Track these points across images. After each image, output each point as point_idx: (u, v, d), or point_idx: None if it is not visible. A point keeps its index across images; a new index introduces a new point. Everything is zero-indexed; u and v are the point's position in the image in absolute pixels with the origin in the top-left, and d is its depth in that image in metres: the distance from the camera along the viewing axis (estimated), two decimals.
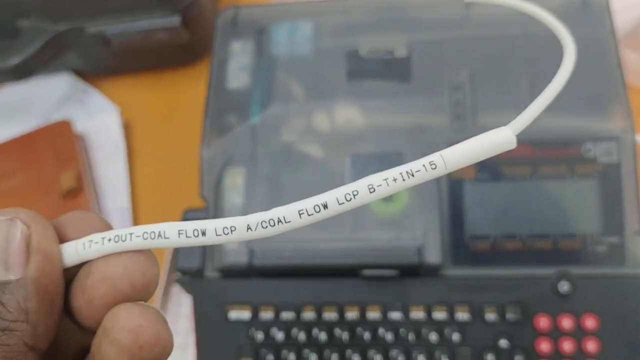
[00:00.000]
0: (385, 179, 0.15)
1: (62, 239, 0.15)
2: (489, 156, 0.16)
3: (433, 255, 0.32)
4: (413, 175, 0.15)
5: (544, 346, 0.31)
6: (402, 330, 0.32)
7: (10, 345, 0.13)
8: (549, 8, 0.35)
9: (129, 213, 0.46)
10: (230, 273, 0.34)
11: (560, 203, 0.32)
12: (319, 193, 0.36)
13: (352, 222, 0.33)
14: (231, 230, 0.15)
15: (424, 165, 0.15)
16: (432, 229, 0.32)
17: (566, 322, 0.31)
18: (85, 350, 0.16)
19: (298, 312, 0.33)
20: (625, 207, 0.32)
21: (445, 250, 0.33)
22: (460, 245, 0.33)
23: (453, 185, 0.33)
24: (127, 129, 0.51)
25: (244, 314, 0.33)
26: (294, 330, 0.33)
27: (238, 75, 0.37)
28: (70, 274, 0.15)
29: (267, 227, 0.15)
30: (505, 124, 0.31)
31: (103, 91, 0.53)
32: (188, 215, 0.36)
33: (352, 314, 0.33)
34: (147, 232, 0.15)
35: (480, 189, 0.33)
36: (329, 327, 0.33)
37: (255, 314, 0.33)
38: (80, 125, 0.50)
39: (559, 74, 0.17)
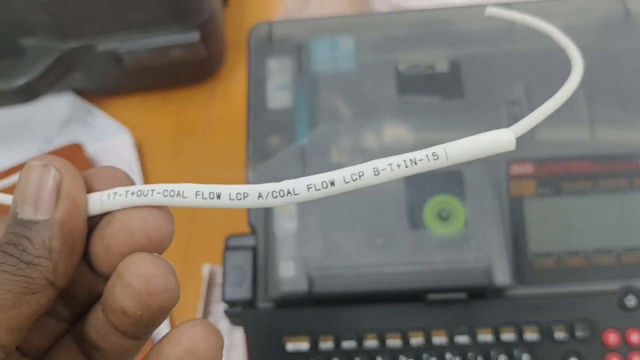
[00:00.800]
0: (390, 164, 0.16)
1: (90, 189, 0.16)
2: (488, 154, 0.16)
3: (501, 276, 0.32)
4: (416, 164, 0.16)
5: None
6: (470, 355, 0.32)
7: (32, 278, 0.15)
8: (591, 19, 0.36)
9: None
10: (286, 302, 0.32)
11: (621, 216, 0.33)
12: (373, 214, 0.35)
13: (412, 244, 0.33)
14: (244, 197, 0.16)
15: (426, 155, 0.16)
16: (498, 249, 0.32)
17: (635, 337, 0.31)
18: (95, 295, 0.17)
19: (360, 340, 0.32)
20: None
21: (511, 269, 0.32)
22: (525, 264, 0.32)
23: (513, 202, 0.33)
24: (140, 151, 0.49)
25: (303, 345, 0.32)
26: None
27: (278, 94, 0.36)
28: (93, 223, 0.16)
29: (277, 197, 0.16)
30: (564, 139, 0.31)
31: (109, 112, 0.51)
32: (232, 241, 0.34)
33: (416, 340, 0.32)
34: (167, 190, 0.16)
35: (542, 205, 0.33)
36: (393, 354, 0.32)
37: (314, 344, 0.32)
38: (89, 148, 0.48)
39: (566, 85, 0.17)
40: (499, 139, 0.16)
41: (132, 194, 0.16)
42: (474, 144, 0.16)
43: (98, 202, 0.16)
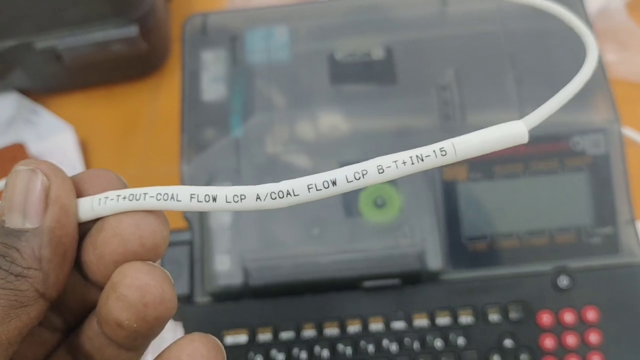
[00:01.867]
0: (395, 161, 0.16)
1: (80, 194, 0.16)
2: (499, 148, 0.16)
3: (434, 261, 0.32)
4: (422, 160, 0.16)
5: (548, 342, 0.32)
6: (406, 340, 0.32)
7: (22, 290, 0.14)
8: (523, 3, 0.36)
9: None
10: (224, 296, 0.33)
11: (553, 198, 0.33)
12: (309, 205, 0.35)
13: (348, 233, 0.33)
14: (241, 199, 0.15)
15: (434, 151, 0.16)
16: (431, 234, 0.32)
17: (568, 317, 0.32)
18: (89, 305, 0.17)
19: (298, 331, 0.32)
20: (616, 197, 0.33)
21: (444, 253, 0.33)
22: (458, 248, 0.33)
23: (447, 187, 0.33)
24: (83, 148, 0.49)
25: (241, 338, 0.32)
26: (295, 350, 0.32)
27: (213, 86, 0.36)
28: (83, 229, 0.16)
29: (275, 198, 0.15)
30: (494, 122, 0.32)
31: (53, 110, 0.50)
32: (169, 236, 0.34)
33: (354, 328, 0.32)
34: (160, 194, 0.15)
35: (474, 188, 0.33)
36: (331, 343, 0.32)
37: (252, 337, 0.32)
38: (33, 147, 0.47)
39: (580, 74, 0.17)
40: (511, 132, 0.16)
41: (124, 198, 0.15)
42: (484, 138, 0.16)
43: (89, 207, 0.15)
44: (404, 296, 0.33)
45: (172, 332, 0.39)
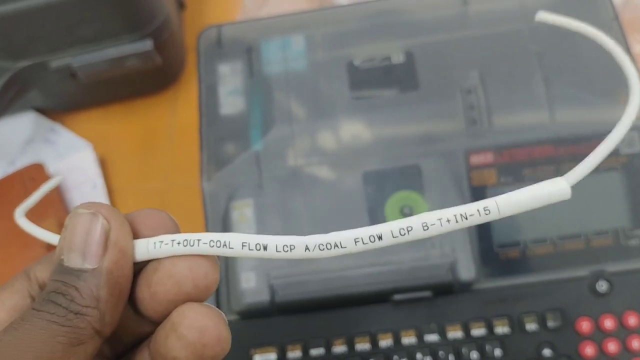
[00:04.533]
0: (439, 219, 0.16)
1: (135, 234, 0.16)
2: (542, 205, 0.17)
3: (466, 271, 0.31)
4: (466, 219, 0.16)
5: (589, 350, 0.31)
6: (440, 353, 0.31)
7: (80, 328, 0.15)
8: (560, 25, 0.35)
9: None
10: (251, 314, 0.32)
11: (587, 200, 0.32)
12: (333, 216, 0.34)
13: None
14: (290, 249, 0.16)
15: (477, 210, 0.16)
16: (461, 243, 0.32)
17: (608, 323, 0.31)
18: (138, 336, 0.18)
19: (328, 347, 0.32)
20: None
21: (476, 263, 0.32)
22: (490, 256, 0.32)
23: (476, 192, 0.33)
24: (103, 165, 0.49)
25: (270, 356, 0.32)
26: None
27: (231, 99, 0.36)
28: (137, 267, 0.17)
29: (323, 249, 0.16)
30: (523, 125, 0.31)
31: (71, 127, 0.50)
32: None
33: (385, 342, 0.32)
34: (213, 240, 0.16)
35: (505, 193, 0.32)
36: (362, 358, 0.32)
37: (282, 355, 0.32)
38: (52, 166, 0.48)
39: (624, 119, 0.17)
40: (553, 190, 0.16)
41: (179, 243, 0.16)
42: (527, 197, 0.16)
43: (144, 249, 0.16)
44: (436, 308, 0.32)
45: None
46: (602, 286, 0.32)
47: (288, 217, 0.33)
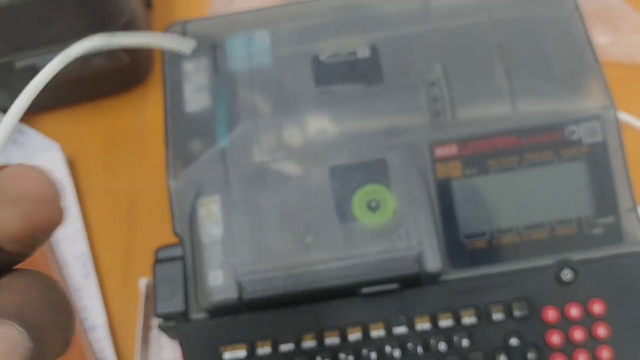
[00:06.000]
0: None
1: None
2: None
3: (433, 262, 0.32)
4: None
5: (555, 338, 0.32)
6: (409, 345, 0.32)
7: None
8: None
9: (89, 259, 0.43)
10: (219, 312, 0.32)
11: (551, 190, 0.33)
12: (301, 211, 0.35)
13: (342, 239, 0.32)
14: None
15: None
16: (427, 234, 0.32)
17: (574, 311, 0.32)
18: None
19: (298, 342, 0.32)
20: (617, 185, 0.32)
21: (443, 254, 0.32)
22: (457, 247, 0.32)
23: (441, 185, 0.33)
24: (72, 166, 0.48)
25: (240, 353, 0.32)
26: None
27: (196, 96, 0.36)
28: None
29: None
30: (486, 116, 0.31)
31: (39, 128, 0.50)
32: (161, 254, 0.34)
33: (354, 336, 0.32)
34: None
35: (470, 185, 0.33)
36: (332, 352, 0.32)
37: (251, 352, 0.32)
38: None
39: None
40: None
41: None
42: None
43: None
44: (404, 300, 0.32)
45: (171, 350, 0.39)
46: (567, 275, 0.32)
47: (255, 213, 0.33)
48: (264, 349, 0.32)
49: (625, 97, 0.36)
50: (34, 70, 0.45)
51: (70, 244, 0.44)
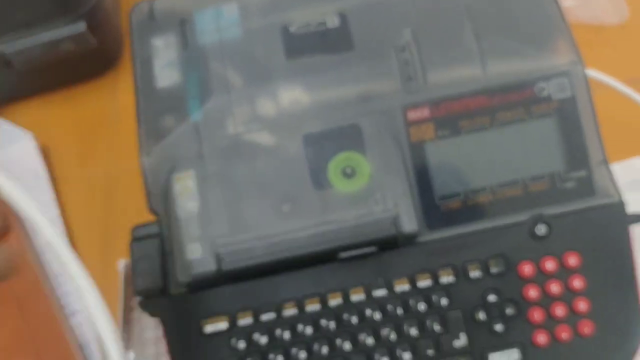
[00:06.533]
0: None
1: None
2: None
3: (409, 223, 0.32)
4: None
5: (532, 293, 0.32)
6: (389, 307, 0.32)
7: None
8: None
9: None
10: (199, 285, 0.32)
11: (523, 147, 0.33)
12: (276, 182, 0.35)
13: (319, 206, 0.33)
14: None
15: None
16: (403, 197, 0.32)
17: (549, 265, 0.32)
18: None
19: (279, 311, 0.32)
20: (587, 139, 0.33)
21: (419, 216, 0.32)
22: (432, 208, 0.33)
23: (415, 148, 0.33)
24: (46, 155, 0.48)
25: (221, 325, 0.32)
26: (278, 331, 0.32)
27: (166, 72, 0.35)
28: None
29: None
30: (457, 77, 0.31)
31: (10, 118, 0.49)
32: (137, 232, 0.34)
33: (335, 301, 0.32)
34: None
35: (443, 146, 0.33)
36: (313, 319, 0.32)
37: (233, 323, 0.32)
38: None
39: None
40: None
41: None
42: None
43: None
44: (383, 263, 0.32)
45: (153, 330, 0.39)
46: (541, 229, 0.32)
47: (231, 185, 0.33)
48: (245, 320, 0.32)
49: (592, 57, 0.36)
50: (2, 59, 0.45)
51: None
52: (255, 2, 0.37)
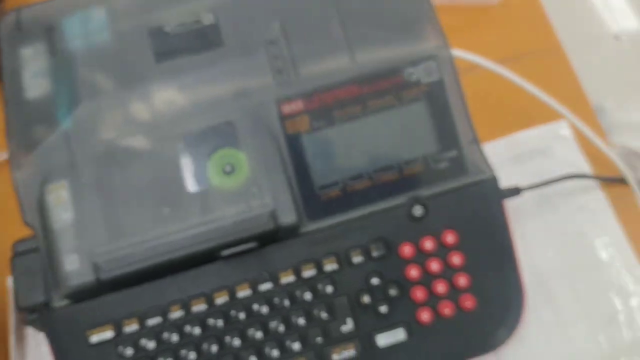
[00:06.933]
0: None
1: None
2: None
3: (288, 216, 0.32)
4: None
5: (414, 272, 0.33)
6: (276, 299, 0.32)
7: None
8: None
9: None
10: (80, 296, 0.32)
11: (396, 132, 0.34)
12: (154, 186, 0.34)
13: (200, 206, 0.32)
14: None
15: None
16: (281, 190, 0.32)
17: (428, 244, 0.33)
18: None
19: (165, 314, 0.32)
20: (456, 119, 0.34)
21: (299, 207, 0.33)
22: (312, 199, 0.33)
23: (291, 141, 0.33)
24: None
25: (107, 334, 0.32)
26: (165, 334, 0.32)
27: (35, 82, 0.34)
28: None
29: None
30: (327, 69, 0.31)
31: None
32: (18, 247, 0.33)
33: (221, 299, 0.32)
34: None
35: (318, 137, 0.34)
36: (200, 319, 0.32)
37: (119, 330, 0.32)
38: None
39: None
40: None
41: None
42: None
43: None
44: (267, 257, 0.33)
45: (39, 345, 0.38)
46: (418, 210, 0.33)
47: (107, 193, 0.33)
48: (131, 327, 0.32)
49: (458, 39, 0.37)
50: None
51: None
52: (124, 4, 0.36)
